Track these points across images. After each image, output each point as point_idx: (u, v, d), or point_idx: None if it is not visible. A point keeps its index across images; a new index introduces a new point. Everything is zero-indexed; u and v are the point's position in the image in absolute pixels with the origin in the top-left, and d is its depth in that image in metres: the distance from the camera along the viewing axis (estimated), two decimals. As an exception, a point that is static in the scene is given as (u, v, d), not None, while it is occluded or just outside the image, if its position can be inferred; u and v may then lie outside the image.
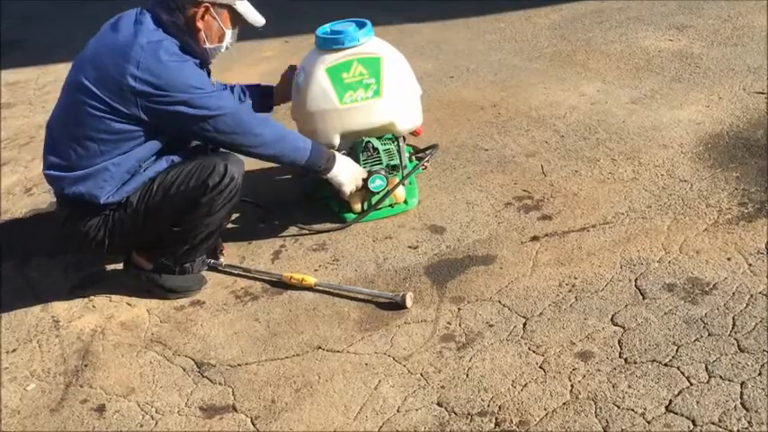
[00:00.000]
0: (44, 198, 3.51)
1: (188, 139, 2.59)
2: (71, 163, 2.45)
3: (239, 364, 2.31)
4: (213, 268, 2.75)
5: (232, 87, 2.94)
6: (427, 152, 3.18)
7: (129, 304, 2.65)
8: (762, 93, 3.43)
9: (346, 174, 2.75)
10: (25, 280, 2.90)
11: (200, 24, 2.46)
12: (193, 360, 2.35)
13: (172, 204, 2.47)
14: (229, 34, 2.55)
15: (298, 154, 2.63)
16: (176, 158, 2.54)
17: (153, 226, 2.52)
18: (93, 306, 2.67)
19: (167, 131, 2.48)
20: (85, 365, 2.40)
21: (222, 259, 2.80)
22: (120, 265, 2.75)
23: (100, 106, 2.38)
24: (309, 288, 2.58)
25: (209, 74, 2.61)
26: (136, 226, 2.50)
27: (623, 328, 2.20)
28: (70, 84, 2.49)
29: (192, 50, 2.48)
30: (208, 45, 2.51)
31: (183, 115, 2.41)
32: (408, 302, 2.42)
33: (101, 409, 2.22)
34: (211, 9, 2.46)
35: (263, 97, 3.02)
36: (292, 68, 3.02)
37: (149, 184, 2.48)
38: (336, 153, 2.75)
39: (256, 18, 2.57)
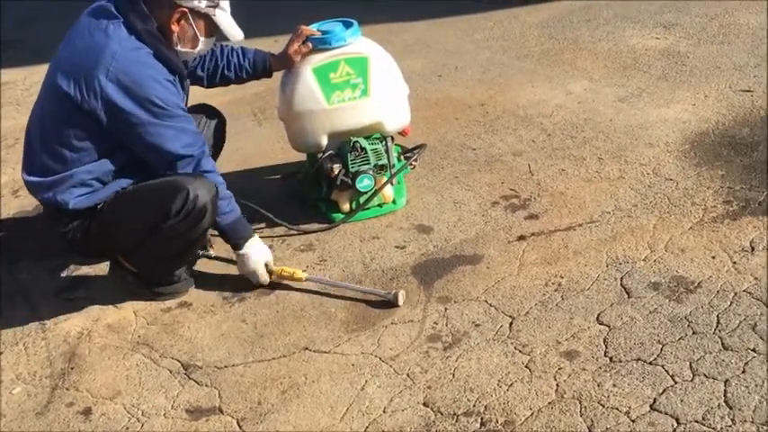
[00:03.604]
0: (31, 200, 3.47)
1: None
2: (44, 168, 2.44)
3: (226, 366, 2.30)
4: (203, 257, 2.75)
5: (230, 49, 2.82)
6: (415, 151, 3.19)
7: (116, 306, 2.64)
8: (748, 91, 3.45)
9: (253, 254, 2.55)
10: (13, 282, 2.89)
11: (174, 27, 2.41)
12: (180, 362, 2.35)
13: (132, 225, 2.43)
14: (203, 42, 2.48)
15: (223, 215, 2.50)
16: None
17: (123, 240, 2.51)
18: (80, 308, 2.66)
19: (122, 142, 2.41)
20: (72, 368, 2.39)
21: (212, 251, 2.79)
22: (106, 267, 2.74)
23: (70, 109, 2.35)
24: (299, 281, 2.57)
25: (182, 79, 2.54)
26: (107, 236, 2.49)
27: (609, 326, 2.21)
28: (45, 88, 2.47)
29: (165, 58, 2.40)
30: (180, 48, 2.46)
31: (134, 128, 2.35)
32: (400, 300, 2.43)
33: (87, 411, 2.21)
34: (189, 15, 2.40)
35: (261, 63, 2.87)
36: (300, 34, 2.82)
37: (116, 195, 2.44)
38: (255, 236, 2.60)
39: (234, 32, 2.49)
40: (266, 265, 2.59)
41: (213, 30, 2.49)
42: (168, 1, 2.37)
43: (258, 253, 2.57)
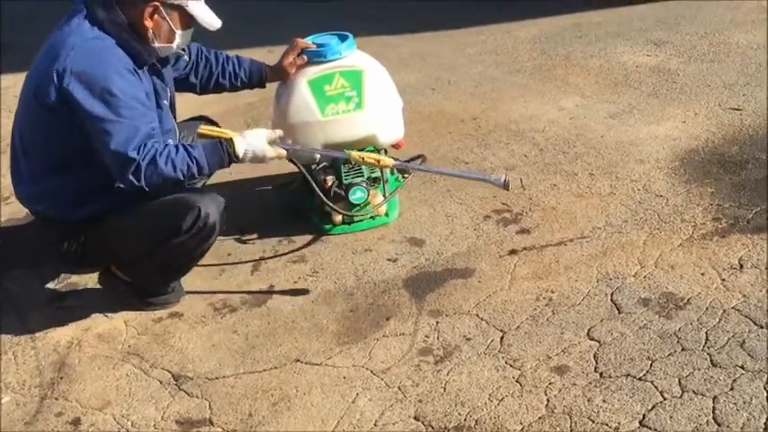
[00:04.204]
0: (21, 207, 3.47)
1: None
2: (29, 179, 2.42)
3: (217, 377, 2.30)
4: None
5: (226, 57, 2.79)
6: (410, 163, 3.20)
7: (107, 316, 2.63)
8: (737, 109, 3.49)
9: (251, 148, 2.41)
10: (3, 291, 2.87)
11: (147, 23, 2.32)
12: (170, 373, 2.34)
13: (139, 240, 2.42)
14: (180, 35, 2.39)
15: (193, 169, 2.33)
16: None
17: (125, 252, 2.50)
18: (70, 318, 2.64)
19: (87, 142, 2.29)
20: (61, 378, 2.38)
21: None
22: (96, 276, 2.74)
23: (38, 110, 2.31)
24: (386, 167, 2.64)
25: (154, 72, 2.44)
26: (108, 249, 2.48)
27: (599, 342, 2.23)
28: (22, 96, 2.44)
29: (131, 49, 2.30)
30: (156, 44, 2.37)
31: (89, 123, 2.24)
32: (511, 184, 2.43)
33: (76, 422, 2.20)
34: (161, 9, 2.31)
35: (257, 73, 2.85)
36: (295, 47, 2.81)
37: (123, 208, 2.38)
38: (234, 137, 2.44)
39: (211, 21, 2.39)
40: (347, 153, 2.56)
41: (189, 21, 2.38)
42: None
43: (253, 145, 2.41)
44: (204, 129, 2.60)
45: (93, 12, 2.29)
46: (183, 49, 2.57)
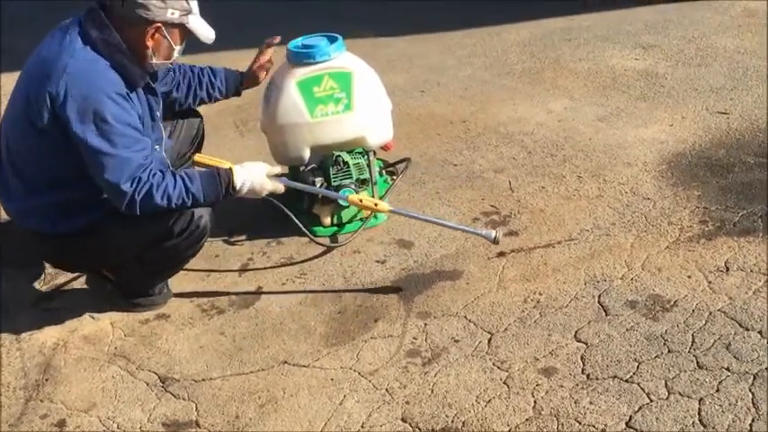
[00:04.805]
0: (8, 207, 3.44)
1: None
2: (18, 195, 2.39)
3: (203, 379, 2.29)
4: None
5: (200, 69, 2.80)
6: (398, 166, 3.20)
7: (93, 317, 2.61)
8: (724, 113, 3.52)
9: (249, 180, 2.42)
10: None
11: (149, 43, 2.30)
12: (157, 374, 2.33)
13: (135, 242, 2.41)
14: (177, 50, 2.39)
15: (188, 203, 2.34)
16: None
17: (117, 256, 2.49)
18: (56, 319, 2.63)
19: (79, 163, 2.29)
20: (47, 380, 2.36)
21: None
22: (84, 277, 2.72)
23: (27, 128, 2.28)
24: (382, 211, 2.70)
25: (149, 91, 2.44)
26: (101, 254, 2.46)
27: (586, 344, 2.24)
28: (11, 104, 2.39)
29: (124, 71, 2.28)
30: (155, 61, 2.36)
31: (82, 149, 2.23)
32: (500, 238, 2.54)
33: (61, 424, 2.19)
34: (163, 28, 2.30)
35: (232, 81, 2.86)
36: (268, 46, 2.84)
37: (115, 214, 2.35)
38: (233, 167, 2.45)
39: (208, 34, 2.39)
40: (348, 193, 2.69)
41: (186, 35, 2.39)
42: (140, 19, 2.27)
43: (252, 177, 2.42)
44: (200, 157, 2.60)
45: (86, 31, 2.26)
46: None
